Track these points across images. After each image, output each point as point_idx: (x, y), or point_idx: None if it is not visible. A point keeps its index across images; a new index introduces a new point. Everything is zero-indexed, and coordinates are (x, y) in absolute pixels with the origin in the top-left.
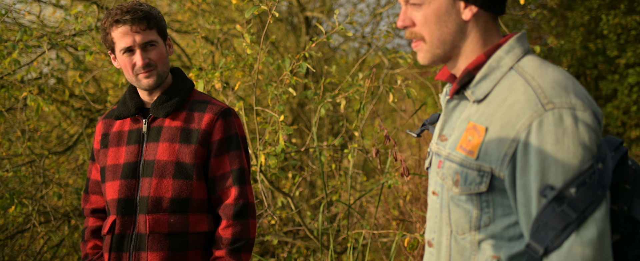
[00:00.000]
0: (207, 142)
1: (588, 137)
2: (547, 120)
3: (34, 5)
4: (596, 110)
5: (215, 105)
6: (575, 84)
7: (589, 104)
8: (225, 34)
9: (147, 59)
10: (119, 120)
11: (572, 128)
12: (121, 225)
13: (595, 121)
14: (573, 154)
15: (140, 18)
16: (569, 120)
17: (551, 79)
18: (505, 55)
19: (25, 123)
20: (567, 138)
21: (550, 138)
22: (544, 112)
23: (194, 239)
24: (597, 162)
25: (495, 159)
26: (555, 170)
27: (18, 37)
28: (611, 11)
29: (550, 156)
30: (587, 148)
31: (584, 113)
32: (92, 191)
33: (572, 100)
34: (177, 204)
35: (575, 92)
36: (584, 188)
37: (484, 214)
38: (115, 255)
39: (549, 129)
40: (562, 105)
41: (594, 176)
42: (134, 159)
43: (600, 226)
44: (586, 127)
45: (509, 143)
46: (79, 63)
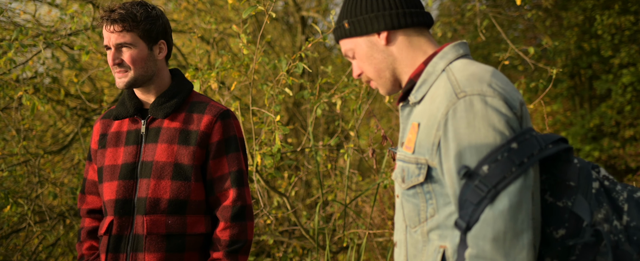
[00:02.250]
0: (205, 143)
1: (497, 119)
2: (460, 107)
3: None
4: (509, 97)
5: (214, 107)
6: (495, 77)
7: (501, 92)
8: (221, 34)
9: (118, 60)
10: (118, 120)
11: (482, 112)
12: (118, 226)
13: (505, 106)
14: (484, 135)
15: (115, 19)
16: (479, 105)
17: (468, 73)
18: (439, 60)
19: (21, 123)
20: (477, 121)
21: (463, 122)
22: (456, 100)
23: (192, 240)
24: (510, 142)
25: (426, 150)
26: (470, 151)
27: (14, 36)
28: (605, 11)
29: (464, 139)
30: (497, 130)
31: (493, 99)
32: (89, 191)
33: (483, 88)
34: (175, 205)
35: (490, 82)
36: (495, 164)
37: (428, 205)
38: (112, 256)
39: (461, 115)
40: (472, 92)
41: (505, 154)
42: (132, 160)
43: (512, 199)
44: (495, 111)
45: (434, 133)
46: (75, 62)
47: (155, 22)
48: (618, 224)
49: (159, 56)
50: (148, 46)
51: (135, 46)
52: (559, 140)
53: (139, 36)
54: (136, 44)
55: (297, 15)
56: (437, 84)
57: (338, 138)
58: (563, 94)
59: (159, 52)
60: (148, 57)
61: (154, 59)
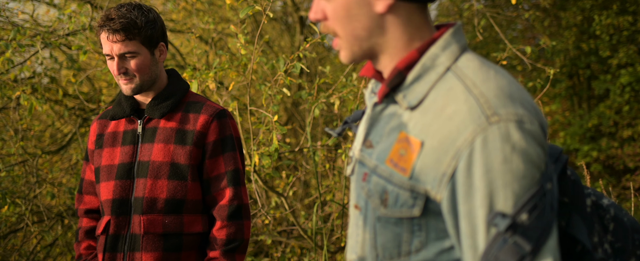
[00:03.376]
0: (202, 143)
1: (536, 153)
2: (493, 135)
3: (28, 4)
4: (542, 120)
5: (210, 106)
6: (520, 90)
7: (536, 114)
8: (219, 34)
9: (123, 68)
10: (114, 121)
11: (520, 144)
12: (115, 226)
13: (542, 135)
14: (523, 174)
15: (117, 30)
16: (517, 135)
17: (495, 86)
18: (440, 52)
19: (19, 123)
20: (515, 156)
21: (497, 156)
22: (488, 126)
23: (189, 240)
24: (546, 181)
25: (431, 179)
26: (505, 194)
27: (11, 36)
28: (604, 12)
29: (498, 178)
30: (537, 166)
31: (532, 126)
32: (86, 191)
33: (519, 110)
34: (172, 205)
35: (522, 100)
36: (536, 212)
37: (415, 237)
38: (109, 256)
39: (495, 146)
40: (508, 117)
41: (545, 198)
42: (128, 159)
43: (555, 256)
44: (535, 142)
45: (448, 161)
46: (73, 62)
47: (155, 26)
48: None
49: (160, 58)
50: (150, 51)
51: (139, 53)
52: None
53: (141, 43)
54: (139, 51)
55: (296, 15)
56: (442, 87)
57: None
58: (561, 94)
59: (160, 54)
60: (151, 63)
61: (156, 62)
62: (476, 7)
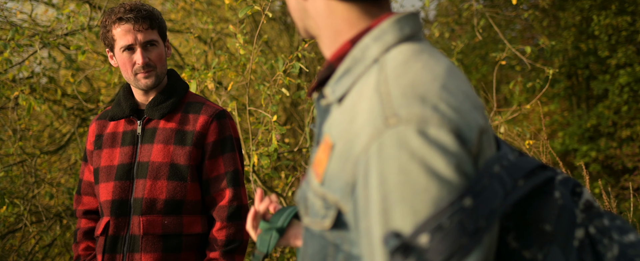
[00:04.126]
0: (201, 144)
1: (443, 163)
2: (388, 141)
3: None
4: (462, 124)
5: (210, 107)
6: (446, 88)
7: (451, 117)
8: (218, 34)
9: (147, 58)
10: (113, 121)
11: (420, 152)
12: (115, 227)
13: (455, 141)
14: (424, 188)
15: (144, 17)
16: (416, 141)
17: (407, 82)
18: (372, 43)
19: (17, 123)
20: (414, 166)
21: (392, 165)
22: (384, 129)
23: (188, 240)
24: (461, 197)
25: (339, 189)
26: (402, 210)
27: (10, 36)
28: (602, 12)
29: (394, 191)
30: (443, 179)
31: (439, 130)
32: (85, 192)
33: (425, 112)
34: (171, 205)
35: (436, 100)
36: (441, 234)
37: (339, 252)
38: (108, 257)
39: (390, 154)
40: (409, 119)
41: (455, 217)
42: (128, 160)
43: None
44: (440, 151)
45: (350, 169)
46: (71, 62)
47: (164, 21)
48: None
49: (167, 54)
50: (164, 44)
51: (159, 43)
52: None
53: (159, 34)
54: (159, 41)
55: None
56: (365, 80)
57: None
58: (560, 94)
59: (167, 49)
60: (165, 55)
61: (166, 57)
62: (475, 7)
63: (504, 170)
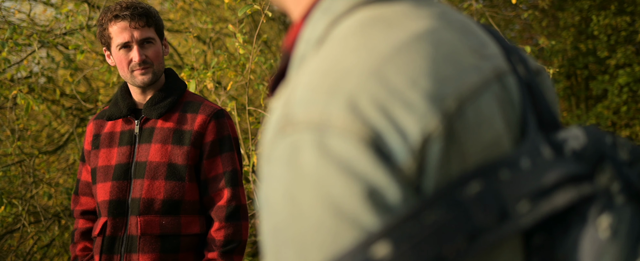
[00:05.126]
0: (199, 143)
1: (344, 190)
2: (277, 154)
3: (24, 3)
4: (392, 128)
5: (208, 106)
6: (390, 69)
7: (373, 119)
8: (217, 33)
9: (144, 56)
10: (111, 121)
11: (312, 171)
12: (112, 227)
13: (369, 158)
14: (315, 226)
15: (140, 14)
16: (308, 156)
17: (327, 67)
18: (320, 16)
19: (15, 122)
20: (304, 192)
21: (278, 190)
22: (276, 141)
23: (186, 241)
24: (370, 244)
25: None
26: (290, 254)
27: (7, 35)
28: (601, 12)
29: (282, 226)
30: (344, 214)
31: (343, 141)
32: (82, 192)
33: (329, 113)
34: (169, 206)
35: (360, 90)
36: None
37: None
38: (106, 257)
39: (277, 173)
40: (306, 125)
41: None
42: (126, 160)
43: None
44: (340, 171)
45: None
46: (70, 62)
47: (161, 20)
48: None
49: (165, 52)
50: (161, 42)
51: (155, 41)
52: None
53: (156, 31)
54: (156, 39)
55: None
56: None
57: None
58: (559, 94)
59: (165, 48)
60: (162, 53)
61: (164, 55)
62: (475, 7)
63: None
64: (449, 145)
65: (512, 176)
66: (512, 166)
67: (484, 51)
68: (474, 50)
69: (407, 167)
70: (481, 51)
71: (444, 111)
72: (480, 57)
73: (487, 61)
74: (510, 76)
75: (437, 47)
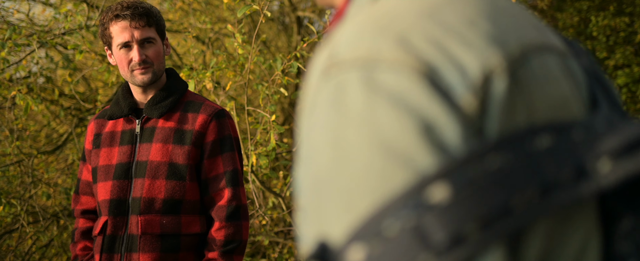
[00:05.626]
0: (200, 143)
1: (396, 125)
2: (321, 99)
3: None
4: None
5: (209, 106)
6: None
7: (428, 53)
8: (216, 34)
9: (144, 55)
10: (112, 120)
11: (360, 109)
12: (113, 226)
13: (425, 91)
14: (363, 168)
15: (141, 14)
16: (356, 93)
17: (381, 13)
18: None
19: (14, 122)
20: (351, 133)
21: (322, 137)
22: (321, 81)
23: (186, 240)
24: (426, 185)
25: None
26: (335, 203)
27: (7, 35)
28: (600, 13)
29: (324, 176)
30: (395, 152)
31: (395, 74)
32: (83, 192)
33: (378, 49)
34: (170, 205)
35: (413, 28)
36: (382, 248)
37: None
38: (106, 256)
39: (320, 120)
40: (352, 63)
41: (410, 218)
42: (126, 159)
43: None
44: (392, 104)
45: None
46: (69, 62)
47: (163, 19)
48: None
49: (166, 52)
50: (162, 42)
51: (156, 41)
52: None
53: (157, 31)
54: (156, 39)
55: (293, 16)
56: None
57: None
58: None
59: (167, 48)
60: (163, 53)
61: (164, 55)
62: None
63: (567, 145)
64: (514, 90)
65: (587, 137)
66: (587, 128)
67: (544, 31)
68: (533, 25)
69: (468, 104)
70: (541, 29)
71: (507, 53)
72: (542, 32)
73: (548, 37)
74: (571, 59)
75: (496, 6)
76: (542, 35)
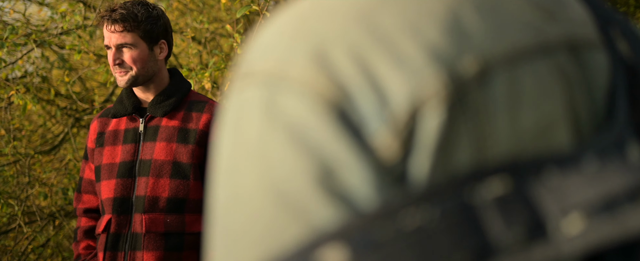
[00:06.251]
0: (204, 142)
1: (292, 167)
2: (229, 113)
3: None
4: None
5: (213, 106)
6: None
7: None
8: (212, 34)
9: (118, 60)
10: (116, 119)
11: (254, 138)
12: (117, 224)
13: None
14: (251, 214)
15: (116, 19)
16: (255, 116)
17: (309, 6)
18: None
19: (11, 122)
20: (243, 168)
21: (224, 161)
22: (233, 93)
23: (190, 239)
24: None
25: None
26: (222, 249)
27: (6, 35)
28: None
29: (219, 212)
30: (287, 200)
31: (298, 99)
32: (85, 190)
33: (287, 63)
34: (174, 204)
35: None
36: None
37: None
38: (110, 254)
39: (224, 142)
40: (260, 76)
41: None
42: (130, 158)
43: None
44: (290, 140)
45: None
46: (64, 62)
47: (157, 22)
48: None
49: (159, 55)
50: (149, 46)
51: (136, 46)
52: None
53: (140, 37)
54: (137, 44)
55: None
56: None
57: None
58: None
59: (160, 52)
60: (149, 58)
61: (155, 59)
62: None
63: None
64: (458, 123)
65: (562, 180)
66: (567, 165)
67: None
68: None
69: (385, 145)
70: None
71: (454, 73)
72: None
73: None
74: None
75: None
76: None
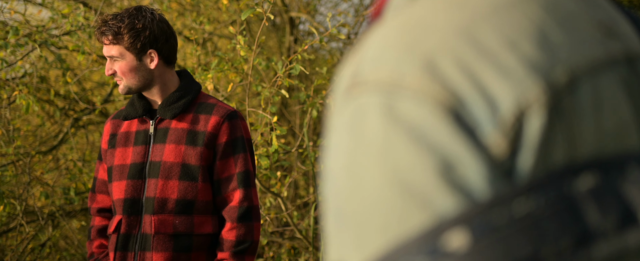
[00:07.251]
0: (213, 144)
1: (415, 163)
2: (341, 121)
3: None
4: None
5: (221, 107)
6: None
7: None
8: (210, 35)
9: (111, 70)
10: (127, 121)
11: (377, 139)
12: (127, 225)
13: (447, 126)
14: (377, 202)
15: (104, 32)
16: (375, 120)
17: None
18: None
19: (12, 122)
20: (367, 164)
21: (340, 163)
22: (342, 102)
23: (199, 240)
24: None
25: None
26: (349, 235)
27: (11, 35)
28: None
29: (342, 204)
30: (412, 191)
31: (416, 105)
32: (99, 190)
33: (402, 73)
34: (183, 205)
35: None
36: None
37: None
38: (120, 255)
39: (339, 143)
40: (375, 86)
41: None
42: (140, 160)
43: None
44: (411, 140)
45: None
46: (62, 62)
47: (140, 35)
48: None
49: (150, 65)
50: (137, 57)
51: (123, 57)
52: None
53: (126, 48)
54: (123, 55)
55: (286, 16)
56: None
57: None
58: None
59: (150, 61)
60: (138, 68)
61: (146, 68)
62: None
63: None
64: (555, 124)
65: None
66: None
67: (615, 28)
68: (601, 24)
69: (496, 144)
70: (611, 27)
71: (550, 82)
72: (609, 33)
73: (616, 39)
74: None
75: (551, 11)
76: (608, 44)
